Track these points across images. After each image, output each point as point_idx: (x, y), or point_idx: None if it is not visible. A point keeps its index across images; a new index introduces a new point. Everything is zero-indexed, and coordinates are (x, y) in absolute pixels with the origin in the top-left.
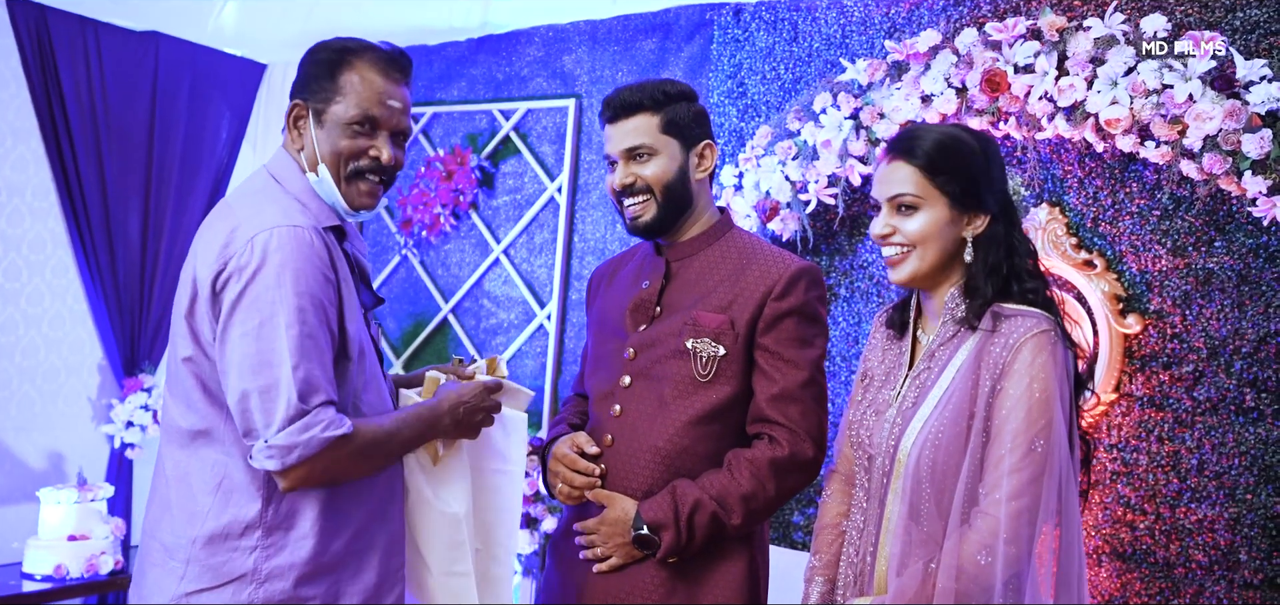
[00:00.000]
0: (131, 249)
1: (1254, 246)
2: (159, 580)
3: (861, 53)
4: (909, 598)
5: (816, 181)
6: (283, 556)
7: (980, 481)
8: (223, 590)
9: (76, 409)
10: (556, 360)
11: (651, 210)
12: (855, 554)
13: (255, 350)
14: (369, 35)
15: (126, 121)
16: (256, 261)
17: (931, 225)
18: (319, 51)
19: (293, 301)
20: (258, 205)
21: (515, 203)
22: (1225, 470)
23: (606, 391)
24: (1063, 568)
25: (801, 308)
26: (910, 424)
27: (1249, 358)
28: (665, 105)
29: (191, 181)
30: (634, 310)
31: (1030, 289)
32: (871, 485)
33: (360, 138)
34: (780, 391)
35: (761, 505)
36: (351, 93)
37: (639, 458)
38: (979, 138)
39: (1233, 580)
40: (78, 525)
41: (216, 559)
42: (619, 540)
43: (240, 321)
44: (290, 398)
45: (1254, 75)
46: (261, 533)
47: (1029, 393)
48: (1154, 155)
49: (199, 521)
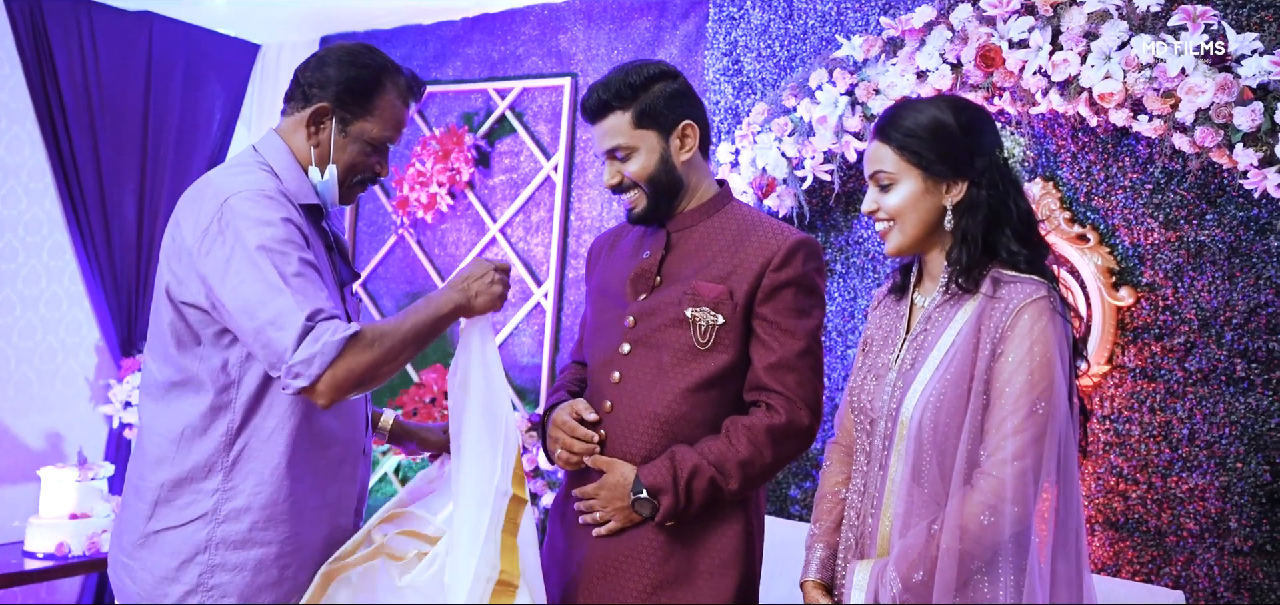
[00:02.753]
0: (127, 230)
1: (1244, 219)
2: (129, 519)
3: (857, 29)
4: (913, 558)
5: (812, 158)
6: (239, 499)
7: (981, 444)
8: (184, 529)
9: (74, 389)
10: (553, 338)
11: (643, 203)
12: (856, 517)
13: (255, 292)
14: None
15: (121, 102)
16: (234, 219)
17: (907, 198)
18: (356, 64)
19: (276, 242)
20: (233, 175)
21: (511, 182)
22: (1216, 440)
23: (606, 359)
24: (1060, 530)
25: (799, 279)
26: (911, 387)
27: (1239, 329)
28: (634, 98)
29: (187, 162)
30: (634, 280)
31: (1017, 252)
32: (872, 449)
33: (374, 156)
34: (777, 360)
35: (758, 471)
36: (382, 117)
37: (638, 424)
38: (961, 109)
39: (1223, 547)
40: (79, 504)
41: (181, 499)
42: (618, 504)
43: (234, 273)
44: (297, 318)
45: (1245, 49)
46: (221, 476)
47: (1030, 356)
48: (1147, 129)
49: (165, 466)
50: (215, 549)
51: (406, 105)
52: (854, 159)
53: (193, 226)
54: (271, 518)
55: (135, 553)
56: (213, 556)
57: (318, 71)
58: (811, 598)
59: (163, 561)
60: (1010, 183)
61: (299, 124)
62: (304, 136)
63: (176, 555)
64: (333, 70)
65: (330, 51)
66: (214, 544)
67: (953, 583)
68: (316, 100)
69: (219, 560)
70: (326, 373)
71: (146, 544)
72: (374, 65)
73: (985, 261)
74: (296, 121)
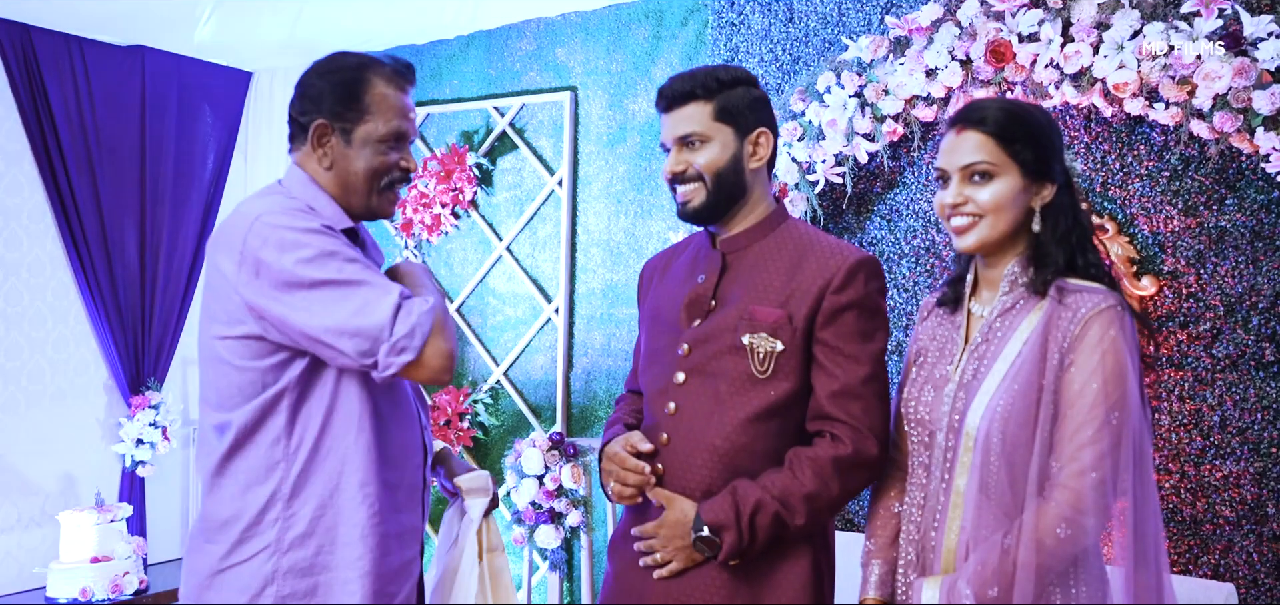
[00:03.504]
0: (130, 266)
1: (1266, 202)
2: (199, 561)
3: (859, 30)
4: (987, 574)
5: (824, 161)
6: (300, 525)
7: (1052, 455)
8: (251, 563)
9: (85, 430)
10: (566, 354)
11: (701, 196)
12: (916, 532)
13: (329, 293)
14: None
15: (117, 138)
16: (275, 234)
17: (1005, 193)
18: (334, 71)
19: (330, 246)
20: (257, 199)
21: (515, 198)
22: (1248, 425)
23: (661, 388)
24: (1138, 539)
25: (861, 301)
26: (975, 397)
27: (1266, 313)
28: (718, 92)
29: (185, 193)
30: (689, 305)
31: (1093, 262)
32: (933, 462)
33: (392, 152)
34: (841, 388)
35: (825, 505)
36: (379, 111)
37: (696, 456)
38: (1043, 112)
39: (1261, 534)
40: (100, 546)
41: (246, 533)
42: (679, 542)
43: (302, 291)
44: (385, 300)
45: (1261, 32)
46: (282, 504)
47: (1102, 366)
48: (1163, 116)
49: (228, 502)
50: (283, 579)
51: (401, 91)
52: (865, 160)
53: (229, 256)
54: (335, 542)
55: (204, 593)
56: (282, 586)
57: (303, 95)
58: None
59: (233, 598)
60: (1077, 191)
61: (308, 153)
62: (316, 161)
63: (246, 591)
64: (316, 85)
65: (308, 71)
66: (281, 574)
67: (1030, 597)
68: (313, 121)
69: (288, 589)
70: (431, 342)
71: (215, 584)
72: (353, 64)
73: (1063, 269)
74: (305, 152)
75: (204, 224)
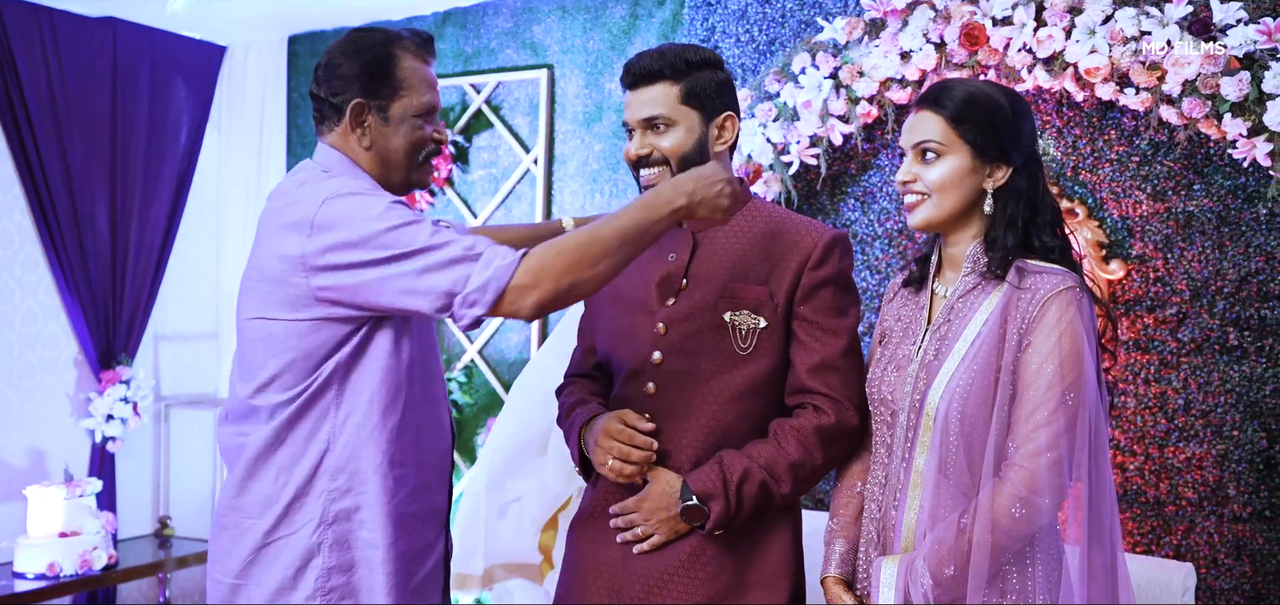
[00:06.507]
0: (100, 240)
1: (1233, 187)
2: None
3: (836, 11)
4: (944, 553)
5: (798, 143)
6: (347, 500)
7: (1009, 436)
8: (295, 537)
9: (55, 405)
10: (540, 334)
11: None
12: (877, 510)
13: (400, 251)
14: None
15: (88, 110)
16: (349, 206)
17: (952, 173)
18: (362, 49)
19: (405, 214)
20: (314, 182)
21: (491, 177)
22: (1211, 408)
23: (636, 368)
24: (1093, 519)
25: (837, 276)
26: (936, 378)
27: (1231, 297)
28: (686, 74)
29: (157, 168)
30: (661, 284)
31: (1051, 245)
32: (894, 441)
33: (428, 126)
34: (821, 361)
35: (809, 473)
36: (412, 86)
37: (682, 435)
38: (1010, 95)
39: (1222, 515)
40: (68, 522)
41: (289, 508)
42: (664, 515)
43: (373, 260)
44: (454, 250)
45: (1230, 18)
46: (327, 477)
47: (1059, 347)
48: (1133, 102)
49: (266, 480)
50: (327, 551)
51: (426, 63)
52: (840, 142)
53: (296, 236)
54: (374, 520)
55: (247, 572)
56: (327, 558)
57: (332, 76)
58: (833, 594)
59: (277, 573)
60: (1044, 177)
61: (344, 133)
62: (355, 141)
63: (291, 565)
64: (346, 65)
65: (332, 51)
66: (326, 546)
67: (985, 576)
68: (348, 100)
69: (334, 562)
70: (510, 289)
71: (258, 560)
72: (380, 40)
73: (1016, 251)
74: (341, 132)
75: (176, 199)
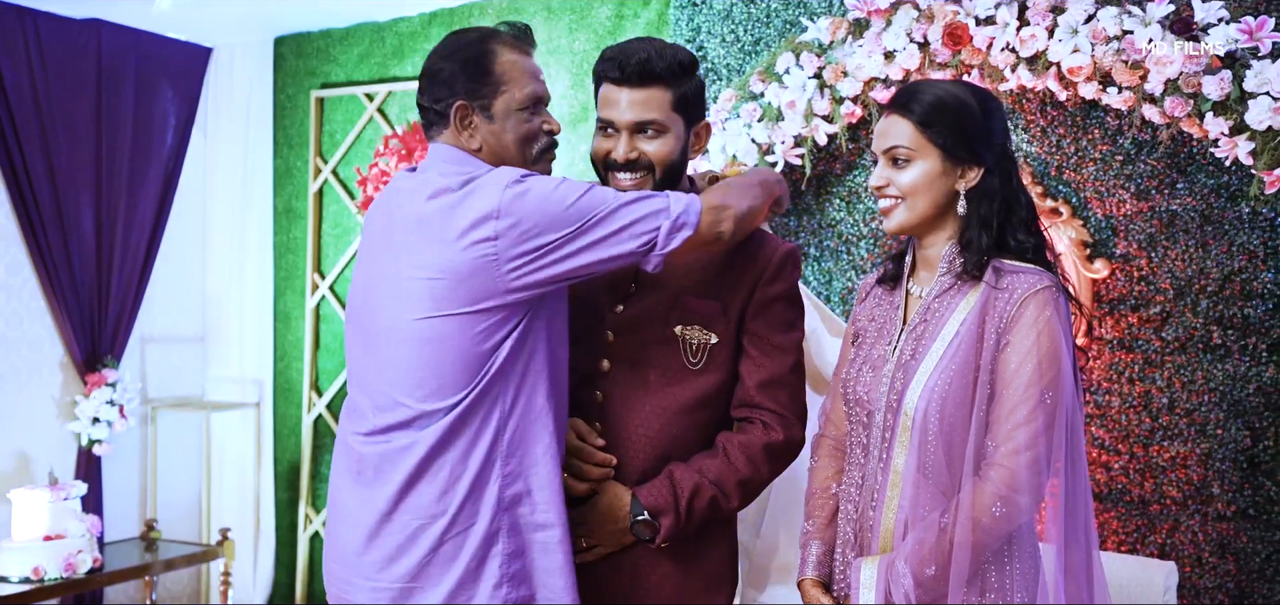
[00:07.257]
0: (86, 242)
1: (1216, 186)
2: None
3: (821, 11)
4: (924, 553)
5: (783, 143)
6: (519, 484)
7: (988, 435)
8: (474, 529)
9: (40, 408)
10: None
11: (648, 188)
12: (854, 511)
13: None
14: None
15: (72, 112)
16: (529, 197)
17: (922, 177)
18: (458, 51)
19: (562, 181)
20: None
21: None
22: (1195, 407)
23: (584, 375)
24: (1069, 517)
25: (789, 292)
26: (914, 378)
27: (1214, 296)
28: (680, 79)
29: (143, 170)
30: (609, 285)
31: (1025, 242)
32: (871, 442)
33: (535, 117)
34: (770, 377)
35: (755, 488)
36: (512, 80)
37: (630, 446)
38: (979, 94)
39: (1206, 513)
40: (52, 525)
41: (463, 503)
42: (611, 528)
43: (574, 231)
44: (637, 198)
45: (1212, 17)
46: (500, 463)
47: (1037, 346)
48: (1116, 101)
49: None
50: (506, 536)
51: (526, 54)
52: (824, 142)
53: (482, 228)
54: (550, 497)
55: (420, 575)
56: (505, 544)
57: (433, 83)
58: (811, 596)
59: (457, 569)
60: (1017, 174)
61: (454, 136)
62: (465, 140)
63: (472, 557)
64: (444, 69)
65: (430, 59)
66: (504, 530)
67: (966, 575)
68: (451, 104)
69: (511, 547)
70: (706, 214)
71: (434, 560)
72: (475, 38)
73: (991, 251)
74: (451, 134)
75: (162, 200)
